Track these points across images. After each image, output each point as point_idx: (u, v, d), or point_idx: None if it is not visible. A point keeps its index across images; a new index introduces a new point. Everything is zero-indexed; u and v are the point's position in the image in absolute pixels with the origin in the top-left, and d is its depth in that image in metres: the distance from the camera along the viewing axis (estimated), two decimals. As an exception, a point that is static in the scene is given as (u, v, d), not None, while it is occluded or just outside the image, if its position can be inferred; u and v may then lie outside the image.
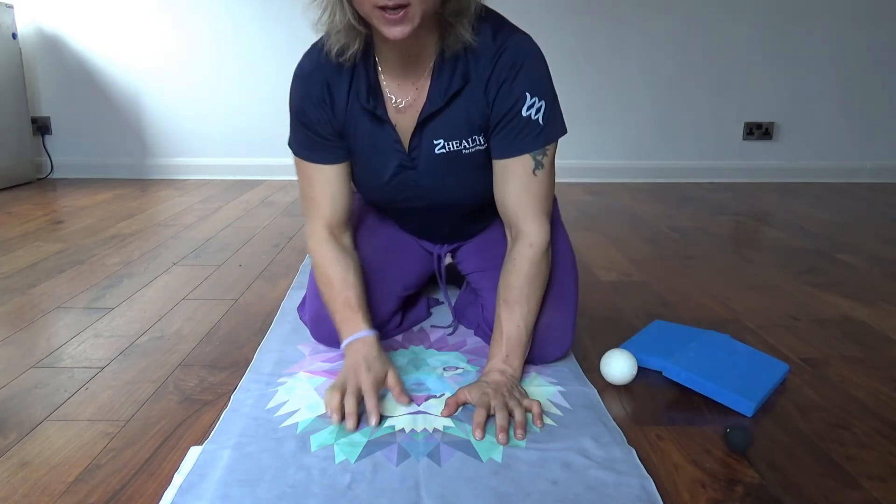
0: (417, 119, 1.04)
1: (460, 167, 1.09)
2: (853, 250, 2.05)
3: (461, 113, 1.03)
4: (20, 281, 1.68)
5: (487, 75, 1.00)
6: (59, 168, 3.45)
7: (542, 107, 1.01)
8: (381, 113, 1.04)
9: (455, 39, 0.98)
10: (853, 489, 0.82)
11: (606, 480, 0.81)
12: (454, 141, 1.06)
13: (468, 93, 1.02)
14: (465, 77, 1.01)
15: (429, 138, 1.06)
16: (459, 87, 1.01)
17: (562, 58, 3.33)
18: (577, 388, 1.07)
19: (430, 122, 1.04)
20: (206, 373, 1.15)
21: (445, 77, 1.01)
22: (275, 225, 2.36)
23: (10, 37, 3.10)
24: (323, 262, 1.12)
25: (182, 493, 0.78)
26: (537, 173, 1.03)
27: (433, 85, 1.02)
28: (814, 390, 1.10)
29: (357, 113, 1.06)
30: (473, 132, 1.05)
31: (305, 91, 1.06)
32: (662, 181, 3.49)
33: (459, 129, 1.04)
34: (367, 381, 0.96)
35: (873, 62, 3.41)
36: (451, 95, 1.01)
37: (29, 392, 1.08)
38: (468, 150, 1.07)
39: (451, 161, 1.08)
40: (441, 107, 1.02)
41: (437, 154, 1.07)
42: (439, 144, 1.06)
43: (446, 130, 1.05)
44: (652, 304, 1.52)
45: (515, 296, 1.04)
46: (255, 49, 3.32)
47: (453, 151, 1.07)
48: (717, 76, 3.41)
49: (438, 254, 1.31)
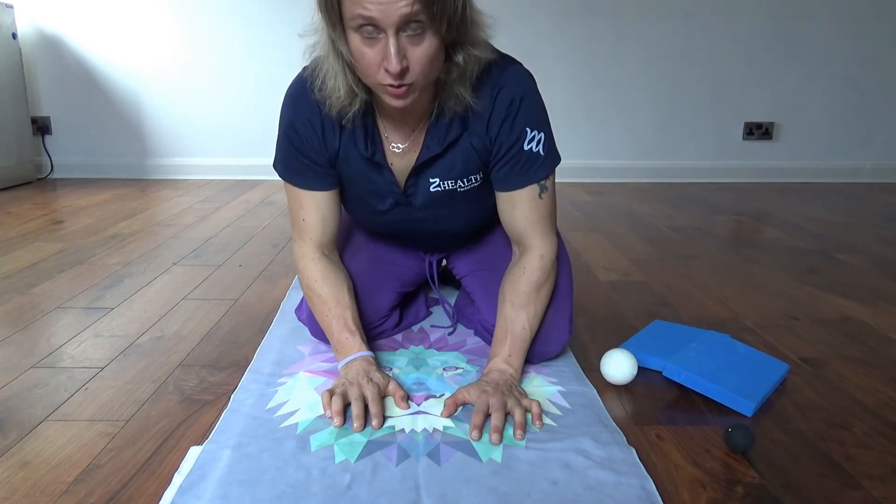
0: (415, 163, 1.05)
1: (455, 201, 1.11)
2: (853, 250, 2.05)
3: (458, 157, 1.05)
4: (20, 281, 1.68)
5: (488, 113, 1.01)
6: (59, 168, 3.45)
7: (541, 139, 1.03)
8: (380, 159, 1.05)
9: (456, 102, 0.98)
10: (853, 489, 0.82)
11: (606, 480, 0.81)
12: (450, 180, 1.07)
13: (466, 139, 1.03)
14: (463, 123, 1.01)
15: (425, 178, 1.07)
16: (457, 135, 1.02)
17: (562, 58, 3.33)
18: (577, 388, 1.07)
19: (427, 165, 1.06)
20: (206, 373, 1.15)
21: (443, 124, 1.02)
22: (275, 225, 2.36)
23: (10, 37, 3.10)
24: (314, 283, 1.11)
25: (182, 493, 0.78)
26: (543, 196, 1.06)
27: (431, 131, 1.03)
28: (814, 390, 1.10)
29: (352, 153, 1.05)
30: (470, 172, 1.07)
31: (297, 114, 1.03)
32: (662, 181, 3.49)
33: (455, 170, 1.06)
34: (371, 389, 0.97)
35: (873, 62, 3.41)
36: (450, 143, 1.03)
37: (29, 392, 1.08)
38: (463, 188, 1.09)
39: (445, 197, 1.10)
40: (439, 153, 1.03)
41: (433, 192, 1.09)
42: (435, 183, 1.07)
43: (442, 172, 1.06)
44: (652, 304, 1.52)
45: (523, 300, 1.06)
46: (255, 49, 3.32)
47: (448, 189, 1.08)
48: (717, 76, 3.41)
49: (430, 261, 1.31)
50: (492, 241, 1.26)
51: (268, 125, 3.37)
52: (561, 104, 3.32)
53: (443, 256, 1.33)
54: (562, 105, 3.34)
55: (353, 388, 0.97)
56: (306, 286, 1.13)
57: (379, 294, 1.23)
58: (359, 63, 0.88)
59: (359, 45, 0.86)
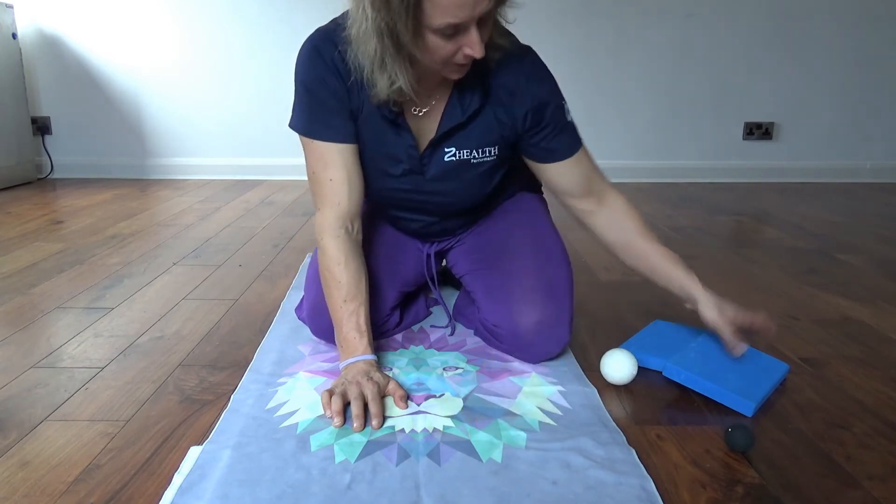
0: (437, 131, 1.06)
1: (466, 174, 1.11)
2: (853, 250, 2.05)
3: (478, 128, 1.06)
4: (20, 281, 1.68)
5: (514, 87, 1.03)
6: (59, 168, 3.45)
7: (566, 105, 1.10)
8: (401, 121, 1.05)
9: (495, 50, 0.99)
10: (853, 489, 0.82)
11: (606, 480, 0.81)
12: (465, 150, 1.08)
13: (490, 111, 1.04)
14: (484, 92, 1.03)
15: (442, 146, 1.08)
16: (480, 104, 1.03)
17: (562, 58, 3.33)
18: (577, 388, 1.07)
19: (449, 135, 1.06)
20: (206, 373, 1.15)
21: (467, 92, 1.03)
22: (275, 225, 2.36)
23: (10, 37, 3.10)
24: (335, 266, 1.06)
25: (182, 493, 0.78)
26: (581, 152, 1.12)
27: (453, 97, 1.04)
28: (814, 390, 1.10)
29: (372, 111, 1.04)
30: (487, 145, 1.07)
31: (320, 61, 1.01)
32: (662, 181, 3.48)
33: (472, 141, 1.07)
34: (371, 388, 0.97)
35: (873, 62, 3.41)
36: (472, 113, 1.04)
37: (29, 392, 1.08)
38: (476, 160, 1.09)
39: (458, 168, 1.10)
40: (461, 122, 1.04)
41: (447, 161, 1.09)
42: (450, 152, 1.08)
43: (459, 141, 1.07)
44: (652, 304, 1.52)
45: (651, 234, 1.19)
46: (255, 48, 3.32)
47: (462, 160, 1.09)
48: (717, 76, 3.40)
49: (428, 253, 1.31)
50: (492, 239, 1.26)
51: (268, 125, 3.37)
52: (561, 104, 3.31)
53: (441, 247, 1.32)
54: (562, 105, 3.34)
55: (352, 387, 0.97)
56: (325, 267, 1.07)
57: (382, 293, 1.23)
58: (432, 55, 0.90)
59: (437, 41, 0.88)
